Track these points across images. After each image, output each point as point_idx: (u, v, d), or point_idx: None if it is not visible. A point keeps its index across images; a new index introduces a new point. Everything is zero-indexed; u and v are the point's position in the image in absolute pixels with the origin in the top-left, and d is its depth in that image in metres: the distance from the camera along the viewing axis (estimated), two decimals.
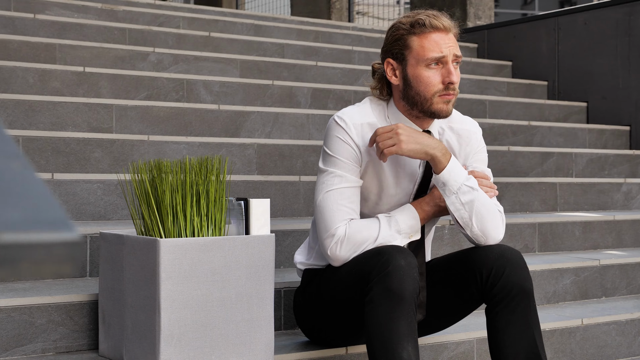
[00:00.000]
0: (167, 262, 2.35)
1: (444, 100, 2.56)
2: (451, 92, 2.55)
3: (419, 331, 2.76)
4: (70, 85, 4.48)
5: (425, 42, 2.54)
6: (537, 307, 2.67)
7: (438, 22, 2.54)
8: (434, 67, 2.55)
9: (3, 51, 4.65)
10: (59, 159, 3.70)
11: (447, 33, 2.55)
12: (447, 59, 2.54)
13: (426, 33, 2.54)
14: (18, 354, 2.59)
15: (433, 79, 2.55)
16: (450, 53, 2.54)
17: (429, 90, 2.55)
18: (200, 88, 4.86)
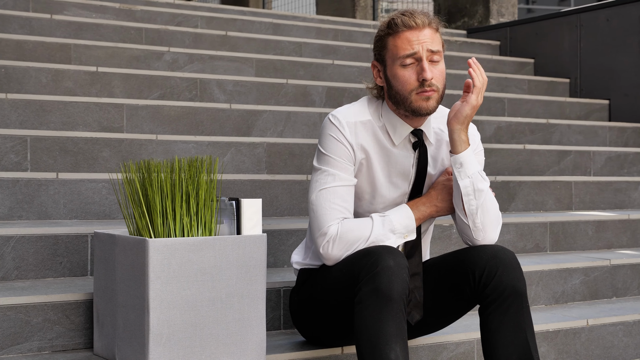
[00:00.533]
0: (155, 262, 2.36)
1: (422, 97, 2.55)
2: (427, 89, 2.54)
3: (415, 331, 2.75)
4: (83, 85, 4.51)
5: (398, 41, 2.54)
6: (544, 307, 2.68)
7: (410, 20, 2.54)
8: (409, 65, 2.54)
9: (19, 51, 4.70)
10: (66, 158, 3.74)
11: (421, 30, 2.54)
12: (421, 55, 2.53)
13: (399, 32, 2.54)
14: (14, 352, 2.62)
15: (408, 77, 2.54)
16: (423, 49, 2.53)
17: (405, 89, 2.54)
18: (213, 87, 4.88)
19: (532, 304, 3.63)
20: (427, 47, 2.53)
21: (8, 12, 5.13)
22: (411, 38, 2.53)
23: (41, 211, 3.35)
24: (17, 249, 2.94)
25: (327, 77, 5.69)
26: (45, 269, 2.99)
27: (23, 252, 2.95)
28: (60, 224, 3.18)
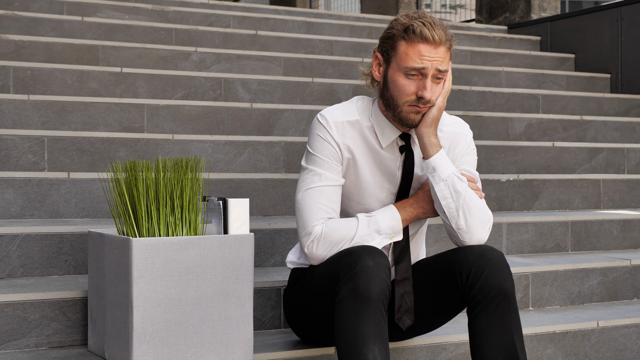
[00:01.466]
0: (139, 261, 2.40)
1: (413, 110, 2.54)
2: (421, 106, 2.52)
3: (406, 333, 2.74)
4: (108, 85, 4.59)
5: (410, 50, 2.51)
6: (559, 308, 2.64)
7: (429, 33, 2.49)
8: (412, 76, 2.52)
9: (47, 53, 4.80)
10: (83, 158, 3.80)
11: (437, 47, 2.50)
12: (427, 72, 2.50)
13: (414, 42, 2.50)
14: (11, 348, 2.68)
15: (407, 88, 2.52)
16: (432, 67, 2.50)
17: (401, 98, 2.53)
18: (238, 87, 4.91)
19: (545, 305, 3.58)
20: (436, 67, 2.50)
21: (41, 15, 5.23)
22: (424, 53, 2.50)
23: (53, 210, 3.41)
24: (23, 247, 3.01)
25: (356, 76, 5.68)
26: (51, 267, 3.05)
27: (28, 250, 3.02)
28: (67, 223, 3.24)
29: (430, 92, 2.50)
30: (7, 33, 5.03)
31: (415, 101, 2.52)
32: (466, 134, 2.71)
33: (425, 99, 2.50)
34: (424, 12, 2.58)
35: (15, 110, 4.02)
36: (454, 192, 2.53)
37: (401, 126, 2.60)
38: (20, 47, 4.75)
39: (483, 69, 6.27)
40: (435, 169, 2.54)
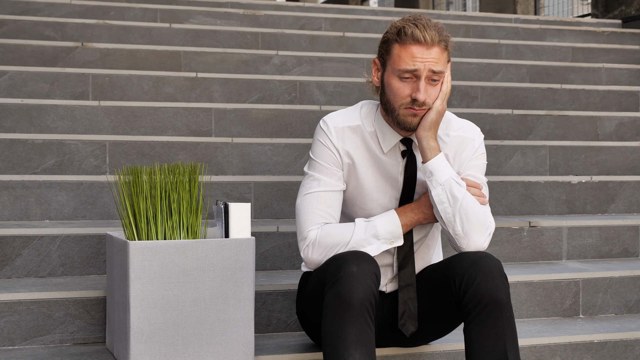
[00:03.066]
0: (136, 263, 2.49)
1: (409, 112, 2.51)
2: (416, 108, 2.50)
3: (410, 341, 2.71)
4: (183, 90, 4.74)
5: (402, 52, 2.49)
6: (614, 316, 2.55)
7: (421, 34, 2.47)
8: (406, 79, 2.49)
9: (131, 60, 5.00)
10: (143, 161, 3.95)
11: (429, 48, 2.47)
12: (420, 74, 2.48)
13: (407, 44, 2.49)
14: (37, 343, 2.84)
15: (402, 91, 2.50)
16: (425, 69, 2.47)
17: (396, 101, 2.51)
18: (313, 89, 4.96)
19: (598, 313, 3.45)
20: (429, 67, 2.48)
21: (131, 23, 5.46)
22: (416, 54, 2.48)
23: (104, 212, 3.57)
24: (63, 248, 3.17)
25: None
26: (89, 267, 3.20)
27: (68, 251, 3.18)
28: (110, 225, 3.38)
29: (424, 94, 2.47)
30: (98, 41, 5.28)
31: (410, 104, 2.50)
32: (474, 139, 2.66)
33: (419, 100, 2.47)
34: (419, 15, 2.55)
35: (87, 116, 4.22)
36: (450, 197, 2.49)
37: (402, 131, 2.58)
38: (105, 54, 4.97)
39: (581, 66, 6.05)
40: (432, 173, 2.51)
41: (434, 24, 2.51)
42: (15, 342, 2.82)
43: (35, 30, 5.21)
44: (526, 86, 5.43)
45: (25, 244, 3.14)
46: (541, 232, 3.78)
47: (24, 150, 3.80)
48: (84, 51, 4.93)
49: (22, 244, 3.14)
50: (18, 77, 4.47)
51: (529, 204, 4.17)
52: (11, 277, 3.13)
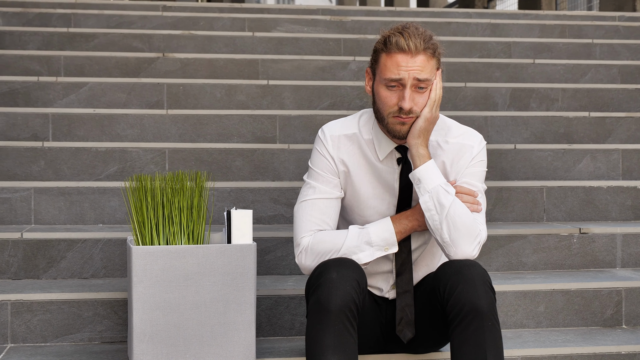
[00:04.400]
0: (138, 267, 2.62)
1: (397, 121, 2.53)
2: (403, 116, 2.51)
3: (411, 348, 2.72)
4: (255, 97, 4.87)
5: (388, 61, 2.52)
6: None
7: (404, 42, 2.49)
8: (393, 87, 2.52)
9: (210, 69, 5.18)
10: (201, 168, 4.11)
11: (413, 56, 2.49)
12: (405, 82, 2.49)
13: (392, 52, 2.51)
14: (67, 341, 3.02)
15: (389, 100, 2.52)
16: (410, 77, 2.49)
17: (384, 109, 2.54)
18: None
19: None
20: (413, 76, 2.49)
21: (215, 32, 5.65)
22: (400, 62, 2.50)
23: None
24: (105, 251, 3.35)
25: (527, 78, 5.52)
26: None
27: (110, 254, 3.36)
28: None
29: (409, 102, 2.49)
30: (183, 52, 5.49)
31: (398, 112, 2.52)
32: (473, 146, 2.64)
33: (405, 109, 2.49)
34: (409, 24, 2.56)
35: (155, 124, 4.42)
36: (438, 205, 2.49)
37: (395, 138, 2.60)
38: (185, 64, 5.17)
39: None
40: (420, 180, 2.52)
41: (421, 32, 2.52)
42: (47, 339, 3.01)
43: (124, 42, 5.48)
44: (612, 87, 5.26)
45: (70, 247, 3.34)
46: (592, 239, 3.67)
47: (88, 157, 4.03)
48: (165, 61, 5.15)
49: (67, 247, 3.34)
50: (97, 87, 4.73)
51: (589, 209, 4.06)
52: (56, 277, 3.34)
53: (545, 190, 4.03)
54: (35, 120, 4.33)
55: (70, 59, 5.06)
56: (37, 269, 3.32)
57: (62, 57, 5.06)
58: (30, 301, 3.00)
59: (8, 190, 3.67)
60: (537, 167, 4.40)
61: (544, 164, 4.41)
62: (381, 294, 2.73)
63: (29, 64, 5.03)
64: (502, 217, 3.99)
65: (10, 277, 3.31)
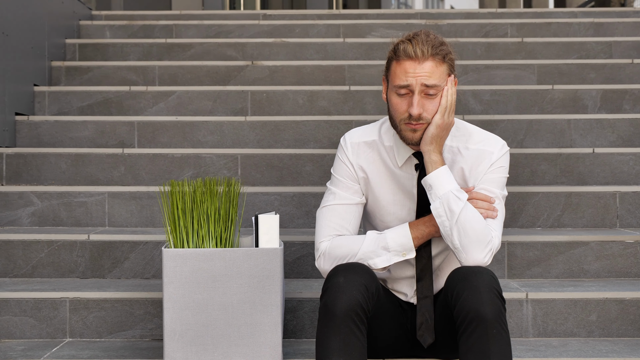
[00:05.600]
0: (168, 269, 2.75)
1: (409, 128, 2.55)
2: (414, 123, 2.53)
3: (433, 354, 2.72)
4: (337, 103, 4.95)
5: (397, 68, 2.55)
6: None
7: (411, 49, 2.52)
8: (403, 94, 2.54)
9: (297, 76, 5.30)
10: (272, 172, 4.22)
11: (421, 62, 2.51)
12: (413, 89, 2.52)
13: (400, 60, 2.55)
14: (120, 337, 3.19)
15: (400, 107, 2.55)
16: (418, 83, 2.51)
17: (396, 116, 2.57)
18: (469, 98, 4.96)
19: None
20: (421, 82, 2.51)
21: (306, 39, 5.76)
22: (408, 69, 2.53)
23: None
24: None
25: (623, 79, 5.34)
26: None
27: None
28: None
29: (418, 108, 2.50)
30: (275, 59, 5.63)
31: (408, 119, 2.54)
32: (492, 152, 2.63)
33: (413, 115, 2.51)
34: (420, 31, 2.58)
35: (234, 131, 4.57)
36: (448, 211, 2.49)
37: (409, 145, 2.62)
38: (273, 71, 5.31)
39: None
40: (431, 186, 2.53)
41: (431, 38, 2.53)
42: (102, 335, 3.19)
43: (218, 51, 5.67)
44: None
45: (132, 249, 3.52)
46: None
47: (165, 163, 4.22)
48: (254, 69, 5.30)
49: (130, 249, 3.52)
50: (185, 96, 4.93)
51: None
52: (120, 277, 3.52)
53: (618, 195, 3.91)
54: (122, 128, 4.56)
55: (164, 69, 5.30)
56: (103, 269, 3.52)
57: (156, 67, 5.29)
58: (87, 299, 3.19)
59: (84, 195, 3.90)
60: (617, 171, 4.27)
61: (624, 168, 4.27)
62: (406, 299, 2.75)
63: (126, 74, 5.30)
64: (571, 222, 3.90)
65: (78, 277, 3.53)
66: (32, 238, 3.53)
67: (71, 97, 4.92)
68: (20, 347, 3.05)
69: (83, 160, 4.21)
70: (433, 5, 51.40)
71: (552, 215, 3.90)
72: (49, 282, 3.43)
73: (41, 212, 3.88)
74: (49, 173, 4.21)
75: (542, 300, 3.20)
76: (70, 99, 4.92)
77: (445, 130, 2.55)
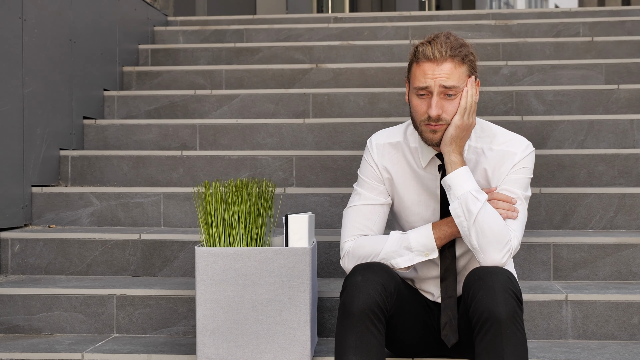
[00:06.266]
0: (201, 267, 2.84)
1: (429, 129, 2.58)
2: (433, 124, 2.55)
3: (462, 353, 2.73)
4: (397, 105, 4.97)
5: (417, 70, 2.58)
6: None
7: (430, 51, 2.54)
8: (422, 96, 2.57)
9: (361, 78, 5.33)
10: (327, 174, 4.28)
11: (439, 64, 2.53)
12: (432, 90, 2.54)
13: (420, 62, 2.58)
14: (165, 333, 3.31)
15: (420, 108, 2.58)
16: (436, 84, 2.53)
17: (417, 118, 2.59)
18: (531, 99, 4.91)
19: None
20: (439, 83, 2.54)
21: (373, 42, 5.78)
22: (427, 71, 2.56)
23: None
24: None
25: None
26: None
27: None
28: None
29: (437, 109, 2.52)
30: (342, 62, 5.69)
31: (427, 120, 2.56)
32: (515, 153, 2.62)
33: (432, 116, 2.53)
34: (441, 33, 2.59)
35: (293, 133, 4.65)
36: (466, 211, 2.50)
37: (431, 146, 2.64)
38: (338, 74, 5.36)
39: None
40: (450, 186, 2.55)
41: (451, 40, 2.55)
42: (147, 331, 3.31)
43: (286, 55, 5.76)
44: None
45: (182, 248, 3.63)
46: None
47: (222, 165, 4.33)
48: (318, 72, 5.37)
49: (179, 248, 3.64)
50: (248, 99, 5.03)
51: None
52: (170, 275, 3.64)
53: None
54: (185, 130, 4.69)
55: (230, 73, 5.42)
56: (154, 267, 3.65)
57: (223, 70, 5.42)
58: (133, 296, 3.32)
59: (141, 196, 4.04)
60: None
61: None
62: (433, 298, 2.77)
63: (195, 78, 5.44)
64: (624, 224, 3.83)
65: (130, 274, 3.66)
66: (87, 237, 3.68)
67: (139, 101, 5.09)
68: (67, 341, 3.20)
69: (144, 162, 4.36)
70: (536, 5, 50.62)
71: (605, 217, 3.83)
72: (100, 279, 3.57)
73: (100, 212, 4.04)
74: (112, 175, 4.37)
75: (582, 302, 3.17)
76: (138, 103, 5.09)
77: (465, 131, 2.56)
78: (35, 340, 3.22)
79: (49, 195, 4.06)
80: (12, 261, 3.70)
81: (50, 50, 4.28)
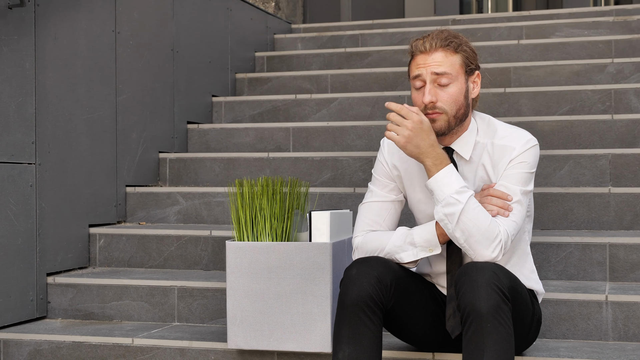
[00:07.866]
0: (231, 260, 3.03)
1: (428, 118, 2.62)
2: (430, 112, 2.60)
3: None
4: (491, 105, 4.96)
5: (412, 64, 2.68)
6: None
7: (421, 44, 2.63)
8: (419, 87, 2.64)
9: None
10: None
11: (430, 53, 2.60)
12: (424, 78, 2.61)
13: (414, 56, 2.67)
14: (219, 323, 3.52)
15: (417, 99, 2.66)
16: (428, 72, 2.60)
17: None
18: (630, 97, 4.76)
19: None
20: (431, 70, 2.61)
21: (479, 43, 5.77)
22: (419, 61, 2.65)
23: None
24: None
25: None
26: None
27: None
28: None
29: (429, 95, 2.60)
30: None
31: (425, 109, 2.62)
32: (514, 148, 2.64)
33: (425, 103, 2.60)
34: (437, 30, 2.65)
35: (381, 134, 4.75)
36: (447, 214, 2.56)
37: (445, 136, 2.69)
38: None
39: None
40: (433, 191, 2.61)
41: (444, 33, 2.62)
42: (204, 321, 3.53)
43: (394, 58, 5.86)
44: None
45: None
46: None
47: (305, 166, 4.50)
48: None
49: None
50: (345, 102, 5.18)
51: None
52: None
53: None
54: (279, 134, 4.91)
55: (336, 77, 5.59)
56: (224, 262, 3.87)
57: (328, 75, 5.60)
58: (192, 288, 3.55)
59: (222, 195, 4.28)
60: None
61: None
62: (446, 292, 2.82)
63: (302, 83, 5.65)
64: None
65: (202, 268, 3.91)
66: (163, 233, 3.96)
67: (244, 106, 5.36)
68: (129, 328, 3.47)
69: (234, 163, 4.61)
70: None
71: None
72: (172, 272, 3.84)
73: (185, 210, 4.32)
74: (204, 176, 4.64)
75: (622, 303, 3.10)
76: (243, 108, 5.36)
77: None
78: (104, 326, 3.52)
79: (141, 194, 4.38)
80: (99, 254, 4.03)
81: (149, 60, 4.61)
